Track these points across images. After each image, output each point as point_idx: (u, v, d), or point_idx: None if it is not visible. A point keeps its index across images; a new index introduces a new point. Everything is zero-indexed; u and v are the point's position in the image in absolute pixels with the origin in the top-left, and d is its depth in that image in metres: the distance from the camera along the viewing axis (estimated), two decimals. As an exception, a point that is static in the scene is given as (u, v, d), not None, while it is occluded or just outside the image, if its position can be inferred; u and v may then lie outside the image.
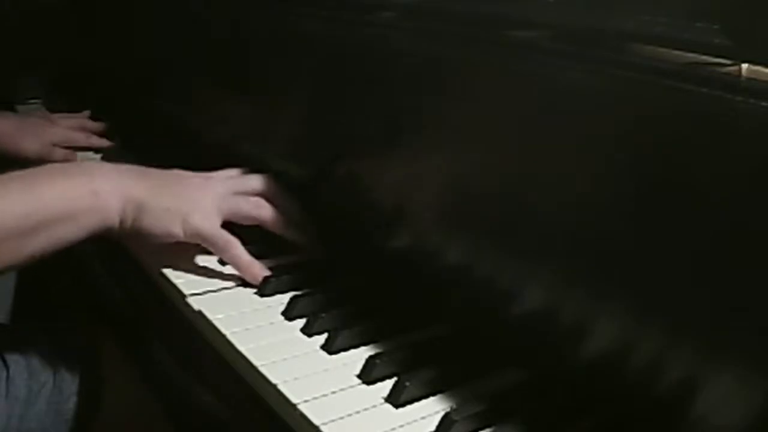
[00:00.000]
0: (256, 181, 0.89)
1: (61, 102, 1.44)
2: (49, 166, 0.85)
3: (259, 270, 0.82)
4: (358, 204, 0.85)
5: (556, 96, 0.64)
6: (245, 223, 0.86)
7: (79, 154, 1.23)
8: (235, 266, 0.82)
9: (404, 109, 0.79)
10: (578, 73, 0.62)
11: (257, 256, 0.85)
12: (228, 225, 0.85)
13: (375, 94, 0.83)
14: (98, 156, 1.24)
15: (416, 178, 0.78)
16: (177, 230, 0.81)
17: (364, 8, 0.86)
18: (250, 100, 1.05)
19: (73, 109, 1.37)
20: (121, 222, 0.80)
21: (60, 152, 1.20)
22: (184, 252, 0.85)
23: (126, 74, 1.46)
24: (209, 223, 0.82)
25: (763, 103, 0.51)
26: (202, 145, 1.18)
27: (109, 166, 0.86)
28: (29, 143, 1.19)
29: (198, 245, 0.84)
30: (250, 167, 0.93)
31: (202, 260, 0.86)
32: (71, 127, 1.28)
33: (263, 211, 0.86)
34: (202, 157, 1.09)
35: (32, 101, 1.52)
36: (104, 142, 1.27)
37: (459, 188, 0.73)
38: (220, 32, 1.12)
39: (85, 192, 0.78)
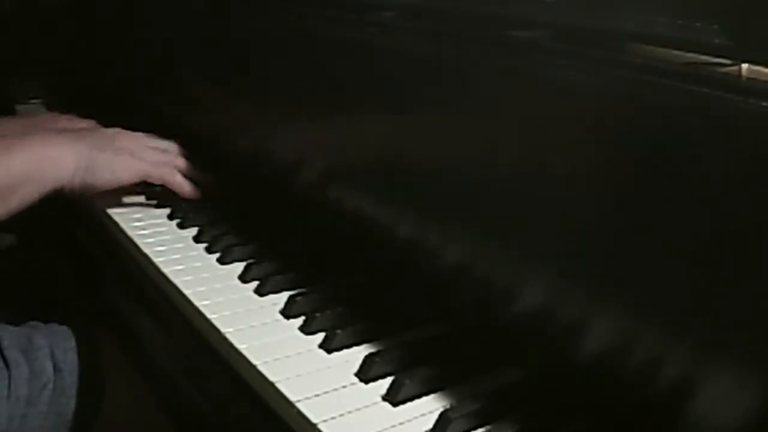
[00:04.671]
0: (164, 142, 1.07)
1: (61, 102, 1.45)
2: (8, 139, 0.97)
3: (190, 189, 1.01)
4: (358, 204, 0.85)
5: (556, 96, 0.64)
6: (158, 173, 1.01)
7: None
8: (177, 190, 1.01)
9: (403, 109, 0.79)
10: (578, 73, 0.62)
11: (254, 256, 0.85)
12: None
13: (375, 94, 0.83)
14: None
15: (415, 178, 0.78)
16: (124, 178, 0.98)
17: (364, 8, 0.86)
18: (249, 100, 1.05)
19: (73, 109, 1.37)
20: (72, 179, 0.94)
21: None
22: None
23: (126, 74, 1.46)
24: (149, 162, 1.01)
25: (763, 103, 0.51)
26: (201, 145, 1.18)
27: (67, 133, 1.02)
28: None
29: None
30: (249, 166, 0.93)
31: (202, 260, 0.86)
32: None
33: (177, 177, 1.02)
34: (202, 157, 1.09)
35: (32, 101, 1.52)
36: None
37: (458, 187, 0.73)
38: (220, 32, 1.12)
39: (42, 157, 0.93)
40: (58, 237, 1.14)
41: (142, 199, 1.04)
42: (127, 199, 1.03)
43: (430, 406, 0.63)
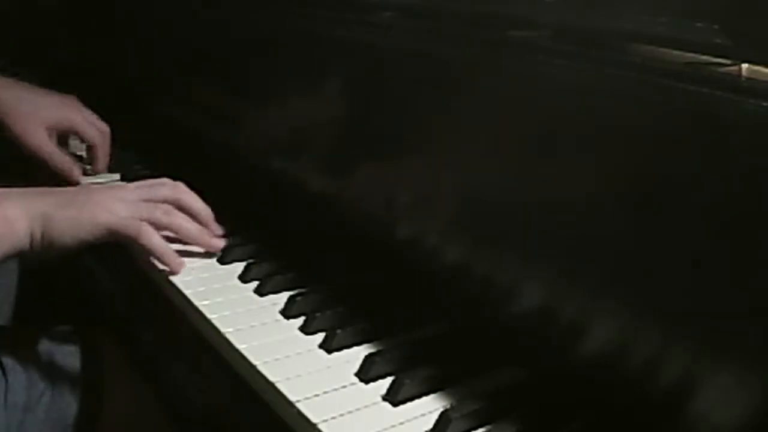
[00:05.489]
0: (166, 189, 0.88)
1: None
2: None
3: (174, 258, 0.83)
4: (358, 203, 0.85)
5: (556, 96, 0.64)
6: (157, 230, 0.85)
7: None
8: (152, 253, 0.84)
9: (404, 109, 0.79)
10: (578, 73, 0.63)
11: (254, 256, 0.85)
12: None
13: (374, 94, 0.83)
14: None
15: (415, 178, 0.78)
16: (87, 236, 0.82)
17: (364, 8, 0.86)
18: (249, 100, 1.05)
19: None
20: (32, 240, 0.81)
21: (62, 161, 1.12)
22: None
23: (125, 74, 1.46)
24: (116, 217, 0.83)
25: (763, 103, 0.51)
26: (201, 145, 1.18)
27: (16, 191, 0.86)
28: (35, 132, 1.12)
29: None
30: (249, 166, 0.93)
31: (201, 260, 0.86)
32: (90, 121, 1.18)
33: (173, 218, 0.86)
34: (202, 157, 1.09)
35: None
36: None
37: (458, 188, 0.73)
38: (219, 32, 1.12)
39: None
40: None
41: None
42: None
43: (430, 406, 0.63)
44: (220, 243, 0.88)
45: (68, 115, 1.15)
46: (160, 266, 0.84)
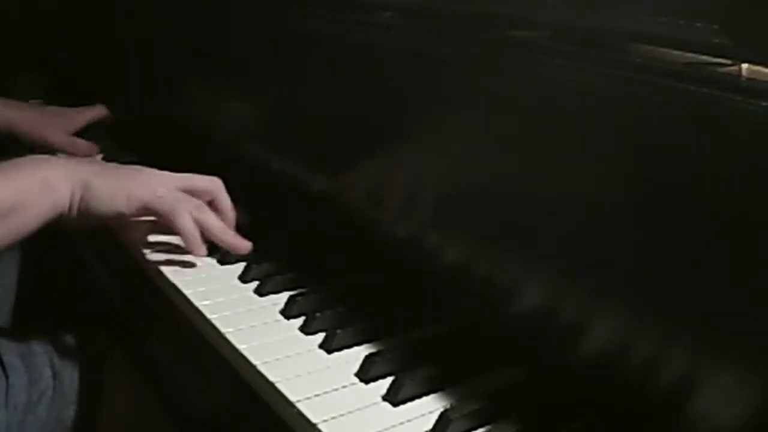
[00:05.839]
0: (205, 181, 0.90)
1: (61, 102, 1.44)
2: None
3: (198, 243, 0.84)
4: (358, 203, 0.85)
5: (556, 96, 0.64)
6: (165, 208, 0.87)
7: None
8: (181, 235, 0.85)
9: (404, 109, 0.79)
10: (578, 73, 0.63)
11: (254, 256, 0.85)
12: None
13: (375, 94, 0.83)
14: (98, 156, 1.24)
15: (415, 178, 0.78)
16: (122, 207, 0.84)
17: (364, 8, 0.86)
18: (249, 100, 1.05)
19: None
20: (71, 205, 0.83)
21: (82, 144, 1.26)
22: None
23: (125, 74, 1.46)
24: (153, 194, 0.85)
25: (763, 103, 0.51)
26: (201, 145, 1.18)
27: (57, 158, 0.92)
28: (53, 132, 1.26)
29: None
30: (249, 167, 0.93)
31: (202, 260, 0.86)
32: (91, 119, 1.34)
33: (204, 214, 0.86)
34: (202, 157, 1.09)
35: (32, 101, 1.52)
36: None
37: (458, 187, 0.73)
38: (220, 32, 1.12)
39: (34, 182, 0.82)
40: (57, 238, 1.14)
41: None
42: None
43: (430, 406, 0.63)
44: (245, 244, 0.87)
45: (73, 118, 1.31)
46: (164, 268, 0.84)
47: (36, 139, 1.26)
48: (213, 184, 0.90)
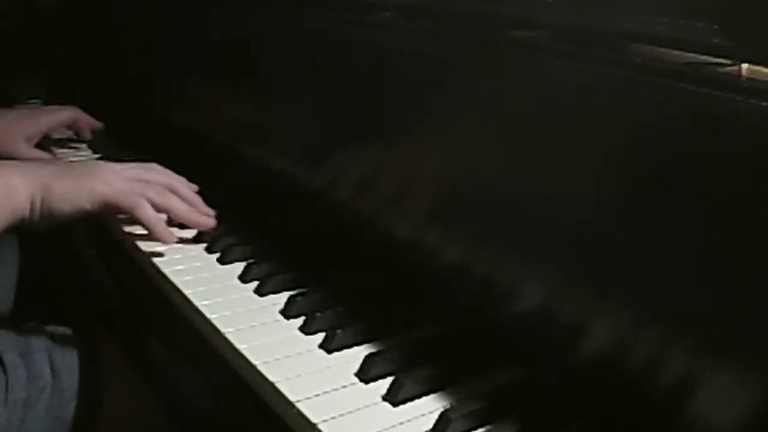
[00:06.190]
0: (157, 174, 0.93)
1: (61, 102, 1.44)
2: None
3: (164, 228, 0.88)
4: (358, 203, 0.85)
5: (556, 96, 0.64)
6: (126, 202, 0.89)
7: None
8: (145, 225, 0.88)
9: (404, 109, 0.79)
10: (578, 73, 0.63)
11: (254, 256, 0.85)
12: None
13: (375, 94, 0.83)
14: (96, 155, 1.24)
15: (415, 177, 0.78)
16: (85, 204, 0.87)
17: (364, 8, 0.87)
18: (249, 100, 1.05)
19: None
20: (32, 208, 0.86)
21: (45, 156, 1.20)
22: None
23: (125, 74, 1.46)
24: (113, 189, 0.88)
25: (763, 103, 0.51)
26: (201, 145, 1.18)
27: (18, 163, 0.92)
28: (15, 144, 1.21)
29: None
30: (249, 166, 0.93)
31: (202, 260, 0.86)
32: (63, 117, 1.28)
33: (165, 197, 0.90)
34: (202, 157, 1.09)
35: (32, 101, 1.52)
36: (88, 134, 1.29)
37: (458, 187, 0.73)
38: (219, 32, 1.12)
39: None
40: (56, 237, 1.14)
41: None
42: None
43: (430, 406, 0.63)
44: (210, 221, 0.91)
45: (43, 121, 1.25)
46: (145, 247, 0.87)
47: (7, 154, 1.17)
48: (169, 179, 0.93)
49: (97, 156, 1.23)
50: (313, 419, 0.60)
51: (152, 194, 0.89)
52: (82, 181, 0.88)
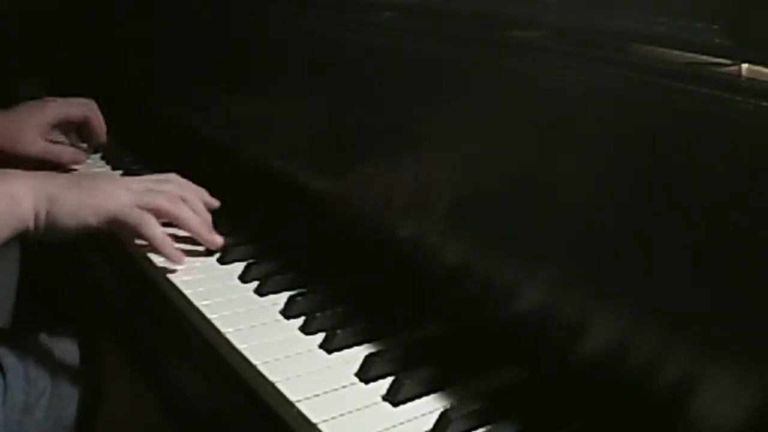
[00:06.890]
0: (171, 185, 0.90)
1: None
2: None
3: (171, 247, 0.84)
4: (358, 203, 0.85)
5: (556, 96, 0.64)
6: (160, 218, 0.86)
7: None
8: (152, 243, 0.85)
9: (404, 109, 0.79)
10: (578, 73, 0.63)
11: (254, 256, 0.85)
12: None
13: (375, 94, 0.83)
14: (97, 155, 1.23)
15: (415, 177, 0.78)
16: (90, 219, 0.84)
17: (364, 8, 0.87)
18: (249, 100, 1.05)
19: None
20: (36, 220, 0.83)
21: (61, 151, 1.15)
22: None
23: (125, 74, 1.46)
24: (120, 204, 0.85)
25: (763, 103, 0.51)
26: (201, 145, 1.18)
27: (23, 172, 0.88)
28: (25, 142, 1.15)
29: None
30: (249, 167, 0.93)
31: (201, 261, 0.86)
32: (73, 111, 1.21)
33: (177, 207, 0.87)
34: (202, 157, 1.09)
35: (31, 102, 1.51)
36: (98, 138, 1.20)
37: (458, 187, 0.73)
38: (220, 32, 1.12)
39: (1, 197, 0.82)
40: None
41: None
42: None
43: (430, 406, 0.63)
44: (219, 239, 0.88)
45: (51, 111, 1.18)
46: (158, 261, 0.84)
47: (7, 152, 1.12)
48: (180, 187, 0.90)
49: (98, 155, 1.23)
50: (313, 419, 0.60)
51: (162, 202, 0.86)
52: (90, 196, 0.85)
